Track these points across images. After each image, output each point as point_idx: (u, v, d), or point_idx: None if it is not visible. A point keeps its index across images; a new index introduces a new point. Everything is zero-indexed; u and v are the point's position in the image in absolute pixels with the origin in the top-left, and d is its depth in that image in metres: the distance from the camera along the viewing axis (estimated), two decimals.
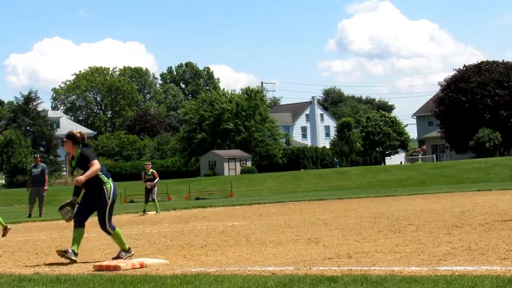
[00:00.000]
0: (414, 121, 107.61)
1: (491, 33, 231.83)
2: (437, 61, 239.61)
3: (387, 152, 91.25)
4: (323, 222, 19.88)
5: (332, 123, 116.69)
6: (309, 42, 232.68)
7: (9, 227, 20.73)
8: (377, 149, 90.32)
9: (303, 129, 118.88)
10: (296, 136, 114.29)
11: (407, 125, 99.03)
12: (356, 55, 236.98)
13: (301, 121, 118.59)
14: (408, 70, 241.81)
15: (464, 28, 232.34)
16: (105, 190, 12.41)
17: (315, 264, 11.36)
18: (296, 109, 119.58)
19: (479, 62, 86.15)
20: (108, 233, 12.63)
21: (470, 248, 12.39)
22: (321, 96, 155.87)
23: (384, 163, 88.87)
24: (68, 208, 12.83)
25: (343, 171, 67.29)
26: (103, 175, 12.46)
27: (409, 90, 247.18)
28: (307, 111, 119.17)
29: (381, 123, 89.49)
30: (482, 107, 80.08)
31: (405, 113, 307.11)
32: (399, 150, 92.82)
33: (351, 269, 10.57)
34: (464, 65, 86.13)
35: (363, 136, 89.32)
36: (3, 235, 20.17)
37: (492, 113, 79.98)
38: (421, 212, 21.65)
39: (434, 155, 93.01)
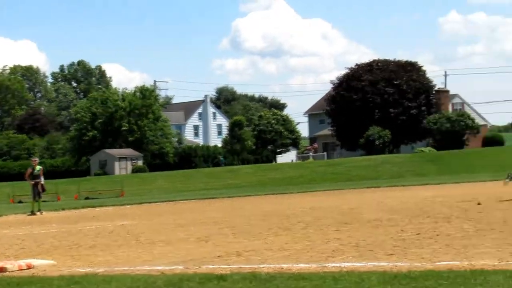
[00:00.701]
0: (306, 119, 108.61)
1: (382, 32, 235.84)
2: (329, 60, 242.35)
3: (278, 151, 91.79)
4: (213, 221, 19.86)
5: (224, 122, 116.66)
6: (203, 41, 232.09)
7: None
8: (269, 147, 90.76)
9: (196, 127, 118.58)
10: (189, 134, 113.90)
11: (299, 123, 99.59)
12: (250, 53, 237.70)
13: (194, 119, 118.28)
14: (301, 69, 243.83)
15: (356, 27, 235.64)
16: None
17: (205, 263, 11.31)
18: (188, 108, 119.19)
19: (371, 60, 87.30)
20: None
21: (358, 245, 12.54)
22: (214, 95, 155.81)
23: (276, 162, 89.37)
24: None
25: (234, 169, 67.39)
26: None
27: (301, 88, 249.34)
28: (200, 110, 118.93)
29: (273, 121, 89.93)
30: (373, 105, 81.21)
31: (297, 112, 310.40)
32: (290, 148, 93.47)
33: (240, 267, 10.56)
34: (356, 64, 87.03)
35: (255, 134, 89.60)
36: None
37: (382, 111, 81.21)
38: (310, 210, 21.85)
39: (325, 153, 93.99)
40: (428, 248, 11.56)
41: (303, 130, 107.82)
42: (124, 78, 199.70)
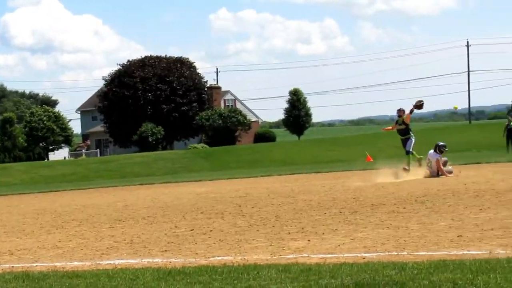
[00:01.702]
0: (78, 116, 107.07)
1: (154, 29, 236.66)
2: (101, 56, 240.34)
3: (51, 148, 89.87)
4: None
5: None
6: None
7: None
8: (41, 144, 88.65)
9: None
10: None
11: (71, 120, 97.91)
12: (19, 49, 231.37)
13: None
14: (73, 65, 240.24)
15: (127, 24, 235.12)
16: None
17: None
18: None
19: (143, 57, 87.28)
20: None
21: (133, 241, 12.53)
22: None
23: (48, 159, 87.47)
24: None
25: (6, 167, 65.36)
26: None
27: (73, 85, 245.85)
28: None
29: (44, 118, 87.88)
30: (145, 101, 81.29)
31: (70, 108, 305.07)
32: (63, 145, 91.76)
33: (13, 266, 10.30)
34: (128, 60, 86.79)
35: (26, 131, 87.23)
36: None
37: (154, 107, 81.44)
38: (84, 207, 21.58)
39: (99, 149, 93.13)
40: (202, 243, 11.71)
41: (76, 127, 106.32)
42: None
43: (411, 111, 24.61)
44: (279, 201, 18.57)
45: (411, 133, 24.77)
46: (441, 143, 24.15)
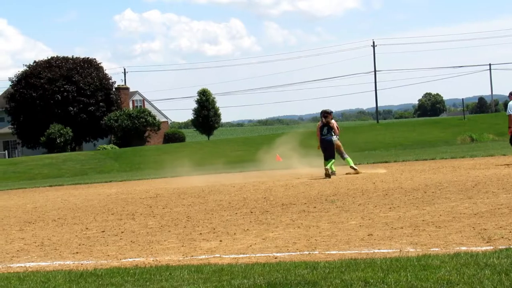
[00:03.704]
0: None
1: (59, 30, 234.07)
2: (6, 57, 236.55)
3: None
4: None
5: None
6: None
7: None
8: None
9: None
10: None
11: None
12: None
13: None
14: None
15: (32, 24, 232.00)
16: None
17: None
18: None
19: (49, 57, 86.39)
20: None
21: (43, 244, 12.39)
22: None
23: None
24: None
25: None
26: None
27: None
28: None
29: None
30: (53, 102, 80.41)
31: None
32: None
33: None
34: (35, 61, 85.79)
35: None
36: None
37: (62, 108, 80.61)
38: None
39: (6, 151, 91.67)
40: (113, 245, 11.66)
41: None
42: None
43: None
44: (190, 201, 18.58)
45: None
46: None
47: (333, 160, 24.26)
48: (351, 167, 24.49)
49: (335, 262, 8.31)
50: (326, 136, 24.55)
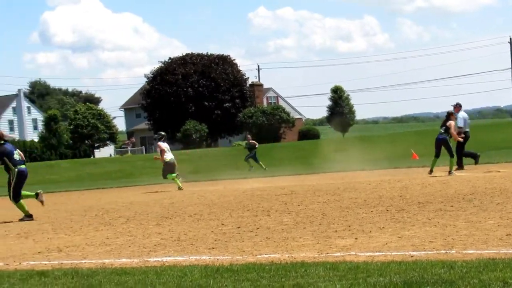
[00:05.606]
0: (122, 113, 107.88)
1: (194, 27, 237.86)
2: (142, 54, 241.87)
3: (96, 145, 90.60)
4: (33, 217, 19.36)
5: (39, 116, 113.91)
6: (12, 33, 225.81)
7: None
8: (86, 142, 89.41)
9: (10, 122, 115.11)
10: (4, 129, 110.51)
11: (115, 117, 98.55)
12: (60, 47, 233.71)
13: (8, 114, 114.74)
14: (113, 63, 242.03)
15: (167, 21, 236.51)
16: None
17: (25, 259, 11.08)
18: (1, 102, 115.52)
19: (184, 54, 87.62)
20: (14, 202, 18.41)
21: (180, 239, 12.59)
22: (28, 89, 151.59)
23: (94, 156, 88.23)
24: None
25: (52, 164, 65.98)
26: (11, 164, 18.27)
27: (114, 82, 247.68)
28: (14, 104, 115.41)
29: (88, 115, 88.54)
30: (187, 98, 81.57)
31: (113, 106, 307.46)
32: (108, 142, 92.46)
33: (61, 263, 10.41)
34: (170, 58, 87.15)
35: (71, 129, 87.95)
36: None
37: (196, 104, 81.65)
38: (131, 204, 21.72)
39: (143, 147, 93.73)
40: (249, 241, 11.74)
41: (120, 124, 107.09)
42: None
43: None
44: (325, 198, 18.54)
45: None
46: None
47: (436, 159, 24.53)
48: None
49: (472, 261, 8.13)
50: (441, 134, 24.83)
